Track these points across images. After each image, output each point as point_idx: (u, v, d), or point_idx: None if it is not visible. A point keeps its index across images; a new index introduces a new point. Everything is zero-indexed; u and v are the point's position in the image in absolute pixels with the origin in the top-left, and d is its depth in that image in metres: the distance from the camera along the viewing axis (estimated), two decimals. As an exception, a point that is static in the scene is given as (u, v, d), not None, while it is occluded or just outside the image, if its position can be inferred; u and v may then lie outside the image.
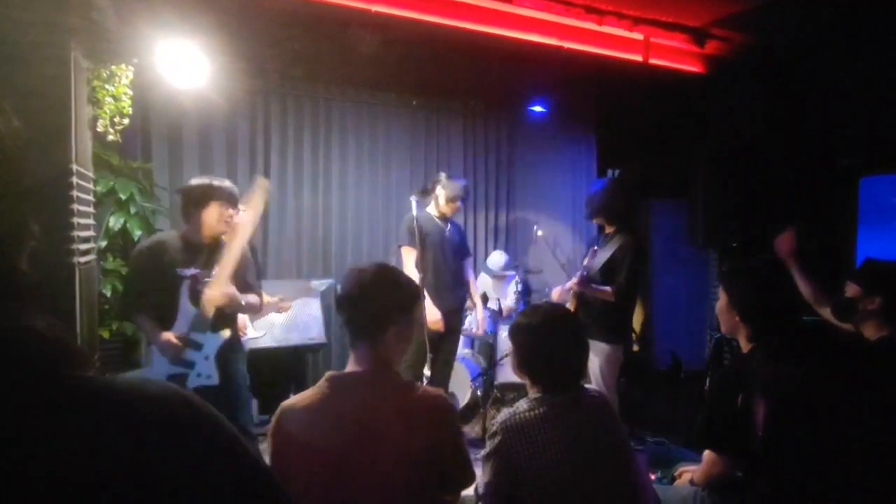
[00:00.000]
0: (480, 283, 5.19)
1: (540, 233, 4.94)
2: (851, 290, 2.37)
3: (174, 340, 2.73)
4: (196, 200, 2.88)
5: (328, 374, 1.62)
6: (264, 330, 4.14)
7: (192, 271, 2.84)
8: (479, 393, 4.65)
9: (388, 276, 1.65)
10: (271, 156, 4.71)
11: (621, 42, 4.34)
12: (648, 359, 6.14)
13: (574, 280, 3.48)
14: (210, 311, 2.80)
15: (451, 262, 4.04)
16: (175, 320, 2.78)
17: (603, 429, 1.84)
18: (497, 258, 5.25)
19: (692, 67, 4.68)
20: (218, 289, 2.81)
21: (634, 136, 5.69)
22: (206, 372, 2.76)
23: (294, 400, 1.60)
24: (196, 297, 2.81)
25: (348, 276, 1.66)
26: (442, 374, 4.06)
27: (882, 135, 4.55)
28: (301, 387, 3.92)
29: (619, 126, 5.71)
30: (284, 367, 4.30)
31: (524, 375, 1.94)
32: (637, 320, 6.07)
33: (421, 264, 3.75)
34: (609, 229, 3.66)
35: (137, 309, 2.85)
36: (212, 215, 2.87)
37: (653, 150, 5.65)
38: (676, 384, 5.41)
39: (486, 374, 4.68)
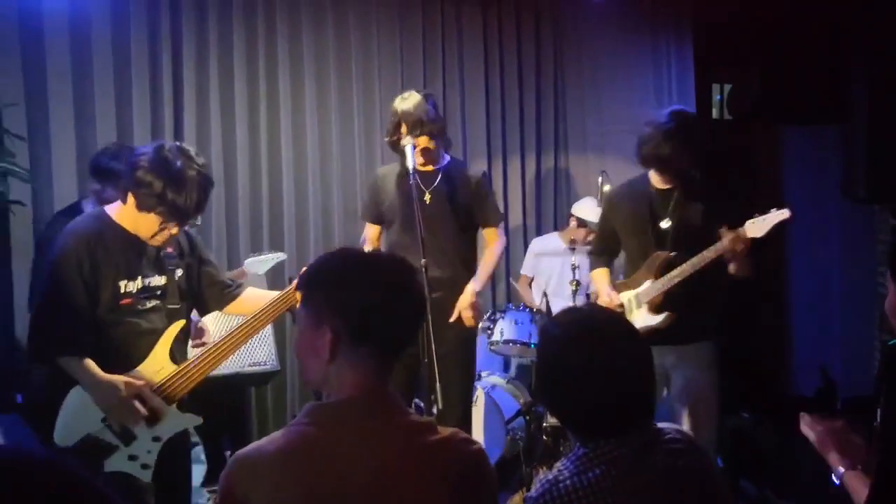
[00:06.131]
0: (528, 265, 4.65)
1: (607, 188, 4.21)
2: None
3: (137, 383, 2.45)
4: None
5: (309, 405, 1.46)
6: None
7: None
8: (519, 442, 4.09)
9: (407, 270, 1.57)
10: (182, 77, 4.05)
11: None
12: (783, 380, 5.46)
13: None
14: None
15: (435, 242, 3.39)
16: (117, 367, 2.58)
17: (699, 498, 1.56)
18: (589, 207, 4.36)
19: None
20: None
21: (754, 28, 5.01)
22: (144, 458, 2.48)
23: (255, 447, 1.42)
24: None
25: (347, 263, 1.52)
26: (450, 415, 3.23)
27: None
28: (241, 437, 3.75)
29: (729, 15, 4.99)
30: (213, 407, 3.50)
31: (560, 419, 1.80)
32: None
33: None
34: (663, 184, 3.20)
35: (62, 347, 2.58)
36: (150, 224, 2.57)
37: (783, 46, 5.03)
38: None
39: (529, 413, 4.12)
